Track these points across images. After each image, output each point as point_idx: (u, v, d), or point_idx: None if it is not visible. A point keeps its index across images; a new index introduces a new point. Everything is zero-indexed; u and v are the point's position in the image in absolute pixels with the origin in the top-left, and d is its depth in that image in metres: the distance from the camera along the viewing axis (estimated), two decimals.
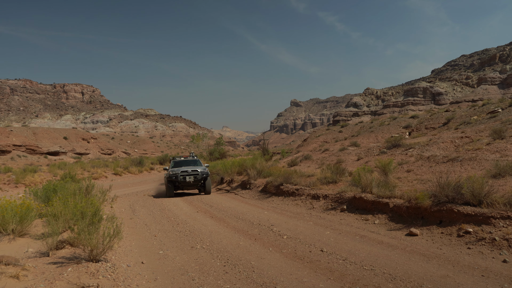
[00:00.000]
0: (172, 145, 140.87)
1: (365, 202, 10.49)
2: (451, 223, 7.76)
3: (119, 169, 38.80)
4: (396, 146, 19.70)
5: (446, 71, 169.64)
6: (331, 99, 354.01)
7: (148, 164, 48.02)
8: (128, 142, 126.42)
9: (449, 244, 7.15)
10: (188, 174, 18.47)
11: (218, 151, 48.10)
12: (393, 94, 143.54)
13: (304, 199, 13.32)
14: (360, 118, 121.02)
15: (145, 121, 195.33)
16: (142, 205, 15.38)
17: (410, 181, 12.05)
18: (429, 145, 17.77)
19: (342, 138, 40.32)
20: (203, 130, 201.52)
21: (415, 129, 33.97)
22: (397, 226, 8.72)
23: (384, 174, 12.23)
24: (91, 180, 13.88)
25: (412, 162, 14.95)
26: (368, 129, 40.47)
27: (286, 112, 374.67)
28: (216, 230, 9.73)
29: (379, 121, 46.82)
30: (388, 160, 12.52)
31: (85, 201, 8.71)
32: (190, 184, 18.66)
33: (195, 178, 18.53)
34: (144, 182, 32.33)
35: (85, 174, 31.81)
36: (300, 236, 8.58)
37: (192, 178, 18.47)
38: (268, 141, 67.53)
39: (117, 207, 14.50)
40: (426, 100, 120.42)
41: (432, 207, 8.29)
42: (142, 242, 8.76)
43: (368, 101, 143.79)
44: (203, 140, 61.35)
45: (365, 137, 35.48)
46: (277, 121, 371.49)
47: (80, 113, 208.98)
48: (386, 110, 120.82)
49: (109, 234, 6.26)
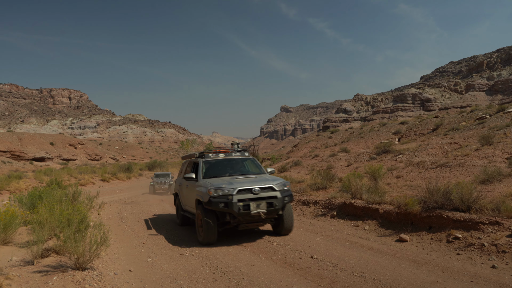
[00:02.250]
0: (161, 151, 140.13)
1: (355, 208, 10.53)
2: (440, 229, 7.82)
3: (106, 175, 38.44)
4: (386, 152, 19.83)
5: (435, 77, 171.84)
6: (321, 105, 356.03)
7: (136, 170, 47.69)
8: (116, 148, 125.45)
9: (439, 250, 7.20)
10: (254, 198, 8.45)
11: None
12: (383, 100, 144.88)
13: (294, 205, 13.30)
14: (350, 124, 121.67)
15: (133, 127, 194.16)
16: (130, 212, 15.22)
17: (400, 187, 12.14)
18: (419, 151, 17.93)
19: (332, 144, 40.50)
20: (193, 136, 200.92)
21: (405, 135, 34.28)
22: (387, 232, 8.76)
23: (374, 180, 12.30)
24: (78, 187, 13.71)
25: (402, 168, 15.06)
26: (358, 135, 40.73)
27: (276, 118, 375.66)
28: None
29: (368, 127, 47.19)
30: (378, 166, 12.60)
31: (71, 208, 8.60)
32: (258, 220, 8.69)
33: (270, 207, 8.56)
34: (133, 188, 32.05)
35: (72, 181, 31.45)
36: (290, 242, 8.56)
37: (264, 205, 8.50)
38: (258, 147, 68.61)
39: (105, 214, 14.34)
40: (415, 106, 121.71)
41: (421, 213, 8.35)
42: (130, 249, 8.66)
43: (358, 107, 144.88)
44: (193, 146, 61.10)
45: (355, 143, 35.68)
46: (267, 126, 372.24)
47: (67, 119, 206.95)
48: (376, 116, 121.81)
49: (96, 241, 6.18)
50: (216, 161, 10.25)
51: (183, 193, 10.94)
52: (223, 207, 8.31)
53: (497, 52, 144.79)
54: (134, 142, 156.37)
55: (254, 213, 8.34)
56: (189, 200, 10.15)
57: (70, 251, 6.15)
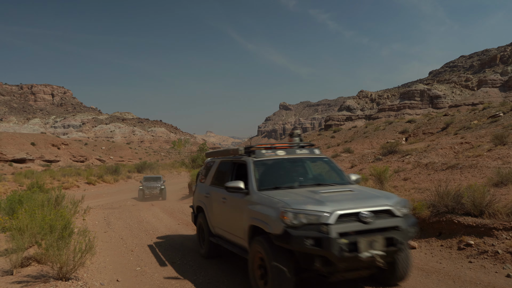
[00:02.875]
0: (151, 151, 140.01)
1: None
2: (451, 235, 7.83)
3: (92, 178, 38.36)
4: (392, 153, 19.88)
5: (445, 72, 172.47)
6: (322, 102, 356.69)
7: (124, 172, 47.60)
8: (103, 148, 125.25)
9: (449, 257, 7.21)
10: (363, 231, 5.06)
11: (201, 158, 47.86)
12: (389, 97, 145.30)
13: None
14: (354, 123, 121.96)
15: (121, 126, 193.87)
16: (118, 217, 15.19)
17: (407, 190, 12.15)
18: (427, 152, 17.97)
19: (334, 144, 40.57)
20: (185, 135, 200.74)
21: (412, 134, 34.38)
22: None
23: (380, 183, 12.30)
24: (62, 190, 13.66)
25: (409, 170, 15.08)
26: (362, 134, 40.83)
27: (275, 116, 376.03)
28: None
29: (374, 125, 47.31)
30: (384, 168, 12.61)
31: (54, 213, 8.56)
32: (366, 266, 5.31)
33: (390, 245, 5.14)
34: (120, 191, 32.00)
35: (55, 184, 31.34)
36: None
37: (382, 242, 5.09)
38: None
39: (90, 220, 14.30)
40: (424, 104, 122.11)
41: (430, 218, 8.35)
42: (118, 257, 8.63)
43: (362, 105, 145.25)
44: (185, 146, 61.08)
45: (359, 142, 35.76)
46: (265, 125, 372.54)
47: (49, 117, 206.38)
48: (381, 114, 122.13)
49: (80, 249, 6.15)
50: (275, 161, 6.93)
51: (215, 210, 7.65)
52: (312, 246, 4.90)
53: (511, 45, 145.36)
54: (122, 142, 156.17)
55: (366, 257, 4.95)
56: (230, 224, 6.92)
57: (52, 260, 6.12)
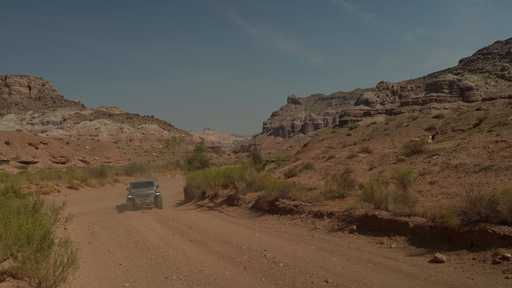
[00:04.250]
0: (141, 151, 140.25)
1: (379, 221, 10.50)
2: (484, 246, 7.80)
3: (75, 182, 38.46)
4: (417, 153, 19.82)
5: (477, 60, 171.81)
6: (337, 95, 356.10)
7: (111, 175, 47.69)
8: (87, 148, 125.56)
9: (483, 272, 7.18)
10: None
11: (198, 158, 47.92)
12: (413, 88, 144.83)
13: (305, 218, 13.29)
14: (373, 118, 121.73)
15: (108, 122, 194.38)
16: (104, 226, 15.24)
17: (434, 195, 12.11)
18: (457, 151, 17.91)
19: (350, 143, 40.49)
20: (180, 133, 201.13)
21: (440, 131, 34.25)
22: (419, 251, 8.74)
23: (403, 187, 12.27)
24: (40, 195, 13.72)
25: (437, 172, 15.03)
26: (383, 132, 40.71)
27: (283, 111, 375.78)
28: (196, 257, 9.67)
29: (395, 121, 47.16)
30: (407, 170, 12.57)
31: (31, 222, 8.59)
32: None
33: None
34: (107, 197, 32.09)
35: (33, 188, 31.46)
36: (299, 263, 8.55)
37: None
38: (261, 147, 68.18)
39: (73, 229, 14.36)
40: (453, 96, 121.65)
41: (461, 227, 8.32)
42: (104, 272, 8.65)
43: (383, 98, 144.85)
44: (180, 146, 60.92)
45: (379, 141, 35.66)
46: (271, 122, 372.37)
47: (26, 112, 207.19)
48: (404, 108, 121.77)
49: (62, 262, 6.17)
50: None
51: None
52: None
53: None
54: (108, 141, 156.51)
55: None
56: None
57: (30, 275, 6.15)
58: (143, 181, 26.35)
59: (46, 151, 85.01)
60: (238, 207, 18.36)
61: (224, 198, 21.00)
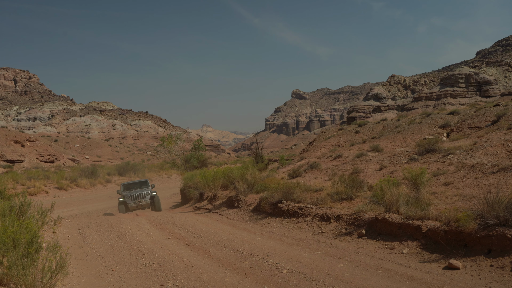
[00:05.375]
0: (135, 149, 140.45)
1: (390, 224, 10.51)
2: (503, 252, 7.79)
3: (64, 182, 38.56)
4: (431, 152, 19.81)
5: (496, 52, 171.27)
6: (345, 90, 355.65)
7: (103, 175, 47.83)
8: (77, 146, 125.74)
9: (501, 280, 7.18)
10: None
11: (196, 157, 48.00)
12: (426, 83, 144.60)
13: (310, 221, 13.30)
14: (383, 115, 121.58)
15: (99, 118, 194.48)
16: (95, 230, 15.26)
17: (449, 198, 12.11)
18: (474, 150, 17.90)
19: (359, 141, 40.48)
20: (177, 130, 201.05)
21: (455, 129, 34.22)
22: (432, 257, 8.74)
23: (415, 188, 12.26)
24: (27, 197, 13.74)
25: (452, 173, 15.03)
26: (394, 129, 40.69)
27: (286, 107, 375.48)
28: (194, 263, 9.69)
29: (408, 118, 47.14)
30: (420, 170, 12.57)
31: (18, 225, 8.62)
32: None
33: None
34: (98, 198, 32.17)
35: (19, 189, 31.54)
36: (304, 270, 8.56)
37: None
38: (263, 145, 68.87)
39: (62, 233, 14.38)
40: (470, 91, 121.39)
41: (478, 232, 8.32)
42: (95, 278, 8.68)
43: (394, 92, 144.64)
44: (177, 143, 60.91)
45: (390, 139, 35.64)
46: (274, 118, 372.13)
47: (11, 107, 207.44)
48: (417, 104, 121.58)
49: (50, 268, 6.19)
50: None
51: None
52: None
53: None
54: (99, 139, 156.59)
55: None
56: None
57: (16, 281, 6.17)
58: (136, 182, 25.57)
59: (33, 149, 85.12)
60: (239, 209, 18.38)
61: (223, 200, 21.01)
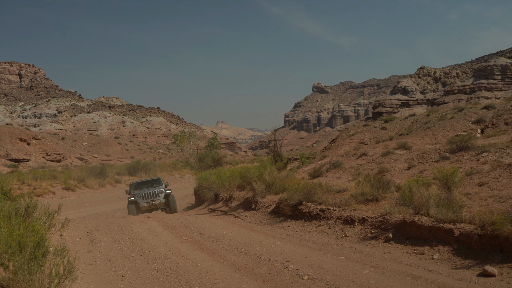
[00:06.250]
0: (146, 148, 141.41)
1: (419, 228, 10.44)
2: None
3: (71, 182, 38.98)
4: (463, 149, 19.64)
5: None
6: (370, 83, 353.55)
7: (112, 175, 48.26)
8: (85, 144, 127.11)
9: None
10: None
11: (211, 156, 48.15)
12: (459, 75, 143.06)
13: (333, 224, 13.27)
14: (412, 110, 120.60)
15: (108, 115, 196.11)
16: (105, 233, 15.39)
17: (484, 199, 11.98)
18: (511, 148, 17.69)
19: (386, 138, 40.26)
20: (190, 127, 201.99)
21: (490, 124, 33.82)
22: (465, 263, 8.66)
23: (447, 189, 12.17)
24: (33, 198, 13.89)
25: (487, 172, 14.86)
26: (423, 125, 40.37)
27: (307, 102, 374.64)
28: (209, 268, 9.72)
29: (438, 113, 46.71)
30: (452, 169, 12.46)
31: (24, 227, 8.73)
32: None
33: None
34: (107, 200, 32.47)
35: (25, 189, 31.97)
36: (327, 276, 8.55)
37: None
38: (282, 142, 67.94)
39: (70, 236, 14.54)
40: (506, 84, 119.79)
41: None
42: (105, 284, 8.75)
43: (423, 85, 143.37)
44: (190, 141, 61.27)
45: (419, 136, 35.38)
46: (294, 114, 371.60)
47: (16, 104, 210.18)
48: (449, 97, 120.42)
49: (58, 273, 6.26)
50: None
51: None
52: None
53: None
54: (108, 136, 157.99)
55: None
56: None
57: (22, 287, 6.24)
58: (147, 180, 24.89)
59: (39, 148, 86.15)
60: (256, 211, 18.40)
61: (240, 202, 21.06)
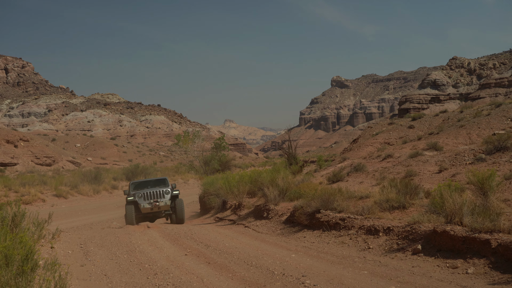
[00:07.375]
0: (145, 150, 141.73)
1: (451, 238, 10.39)
2: None
3: (63, 189, 39.15)
4: (502, 150, 19.54)
5: None
6: (395, 76, 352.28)
7: (108, 180, 48.38)
8: (78, 146, 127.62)
9: None
10: None
11: (217, 159, 48.23)
12: (496, 66, 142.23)
13: (354, 235, 13.24)
14: (443, 106, 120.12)
15: (104, 113, 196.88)
16: (100, 244, 15.44)
17: None
18: None
19: (414, 138, 40.12)
20: (195, 127, 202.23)
21: None
22: (504, 278, 8.62)
23: (483, 195, 12.10)
24: (21, 206, 13.97)
25: None
26: (456, 123, 40.18)
27: (325, 97, 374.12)
28: (216, 284, 9.73)
29: (473, 109, 46.47)
30: (489, 172, 12.39)
31: (11, 239, 8.79)
32: None
33: None
34: (102, 208, 32.61)
35: (12, 196, 32.14)
36: None
37: None
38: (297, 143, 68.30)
39: (61, 248, 14.60)
40: None
41: None
42: None
43: (456, 78, 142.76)
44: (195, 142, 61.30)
45: (451, 135, 35.23)
46: (310, 111, 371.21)
47: (2, 101, 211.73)
48: (485, 92, 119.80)
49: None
50: None
51: None
52: None
53: None
54: (104, 137, 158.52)
55: None
56: None
57: None
58: (150, 180, 23.99)
59: (28, 150, 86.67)
60: (268, 220, 18.40)
61: (250, 210, 21.06)
